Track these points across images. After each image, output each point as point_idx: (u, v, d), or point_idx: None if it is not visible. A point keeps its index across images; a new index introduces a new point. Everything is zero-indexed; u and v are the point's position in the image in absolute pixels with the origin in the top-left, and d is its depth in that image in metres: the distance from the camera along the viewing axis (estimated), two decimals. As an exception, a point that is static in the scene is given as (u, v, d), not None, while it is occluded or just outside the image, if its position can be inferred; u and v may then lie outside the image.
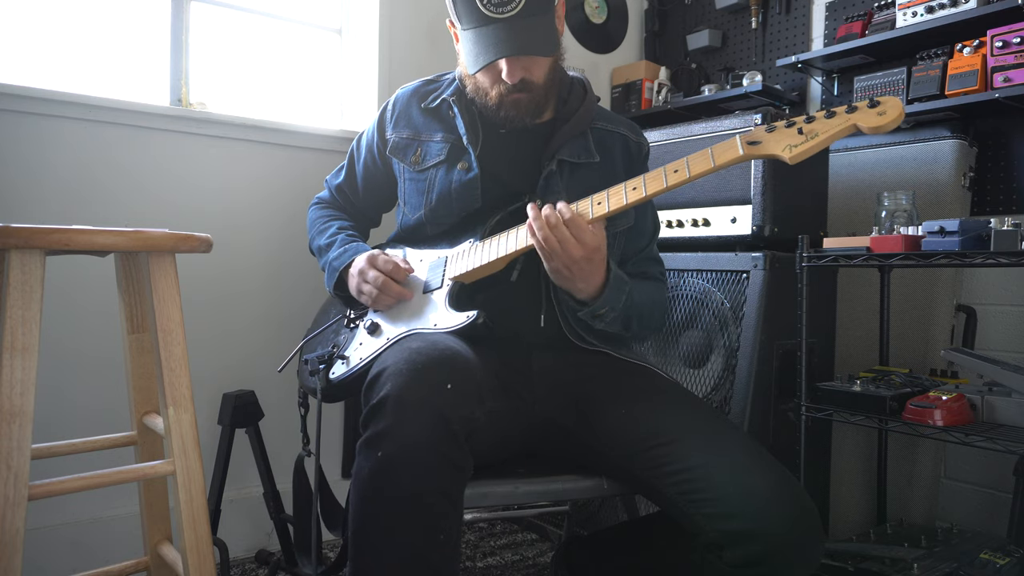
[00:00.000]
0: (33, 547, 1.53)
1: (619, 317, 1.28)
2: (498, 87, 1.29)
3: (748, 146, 1.06)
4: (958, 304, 1.93)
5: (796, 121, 1.05)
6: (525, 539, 2.11)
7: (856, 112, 1.02)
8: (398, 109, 1.45)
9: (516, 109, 1.31)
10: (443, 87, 1.43)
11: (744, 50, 2.56)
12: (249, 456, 1.76)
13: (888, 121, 0.99)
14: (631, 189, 1.16)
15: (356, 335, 1.34)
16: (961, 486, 1.91)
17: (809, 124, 1.03)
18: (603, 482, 1.23)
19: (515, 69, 1.25)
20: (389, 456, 0.98)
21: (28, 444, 0.93)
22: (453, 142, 1.36)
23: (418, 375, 1.03)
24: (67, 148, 1.71)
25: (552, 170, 1.33)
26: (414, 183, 1.40)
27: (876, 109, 1.00)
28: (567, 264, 1.16)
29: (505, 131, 1.36)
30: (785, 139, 1.04)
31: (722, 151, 1.08)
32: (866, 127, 1.00)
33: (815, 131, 1.03)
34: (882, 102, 1.01)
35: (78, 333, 1.72)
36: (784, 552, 1.00)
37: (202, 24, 2.05)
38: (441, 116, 1.40)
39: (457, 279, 1.27)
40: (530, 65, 1.27)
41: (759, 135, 1.07)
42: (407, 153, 1.41)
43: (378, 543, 1.00)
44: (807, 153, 1.02)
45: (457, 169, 1.34)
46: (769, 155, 1.05)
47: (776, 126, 1.06)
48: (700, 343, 1.82)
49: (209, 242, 1.10)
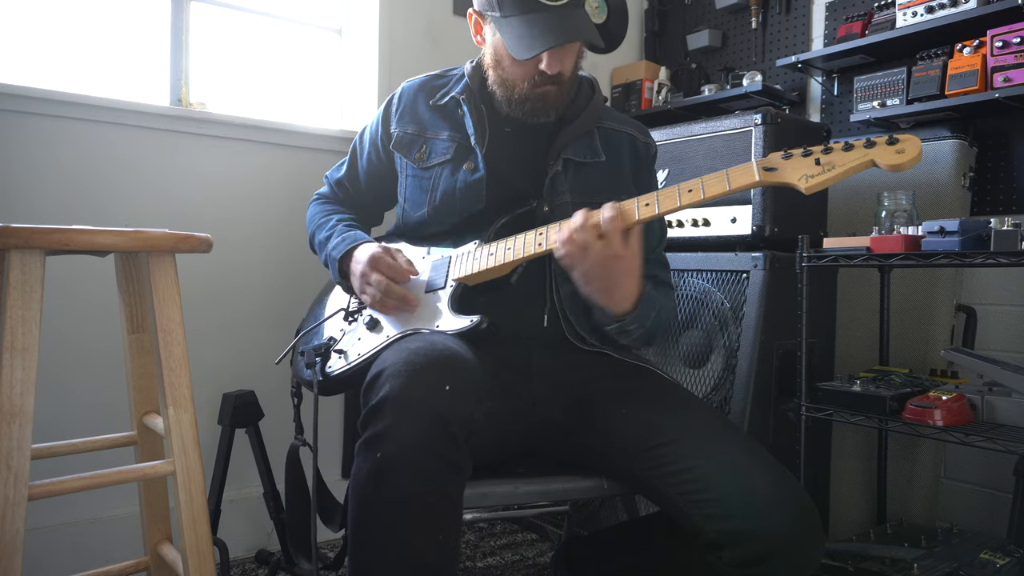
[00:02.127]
0: (33, 547, 1.53)
1: (644, 334, 1.27)
2: (530, 79, 1.27)
3: (764, 172, 1.05)
4: (958, 304, 1.93)
5: (813, 151, 1.04)
6: (525, 539, 2.11)
7: (875, 148, 1.00)
8: (404, 103, 1.43)
9: (543, 102, 1.30)
10: (451, 83, 1.41)
11: (744, 50, 2.56)
12: (249, 456, 1.75)
13: (907, 160, 0.98)
14: (643, 205, 1.13)
15: (355, 329, 1.33)
16: (961, 486, 1.91)
17: (827, 156, 1.02)
18: (603, 482, 1.23)
19: (556, 60, 1.24)
20: (388, 457, 0.98)
21: (28, 444, 0.93)
22: (460, 141, 1.36)
23: (417, 376, 1.03)
24: (67, 148, 1.71)
25: (558, 170, 1.33)
26: (417, 180, 1.39)
27: (895, 147, 0.99)
28: (610, 274, 1.14)
29: (511, 130, 1.36)
30: (802, 168, 1.03)
31: (738, 175, 1.07)
32: (884, 164, 0.99)
33: (832, 163, 1.02)
34: (901, 140, 0.99)
35: (78, 333, 1.72)
36: (784, 552, 1.00)
37: (202, 24, 2.05)
38: (448, 114, 1.39)
39: (461, 280, 1.27)
40: (566, 58, 1.27)
41: (775, 162, 1.05)
42: (411, 149, 1.40)
43: (377, 543, 1.00)
44: (823, 185, 1.02)
45: (463, 169, 1.33)
46: (785, 183, 1.04)
47: (793, 153, 1.05)
48: (700, 343, 1.82)
49: (209, 242, 1.10)
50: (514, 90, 1.30)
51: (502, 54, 1.28)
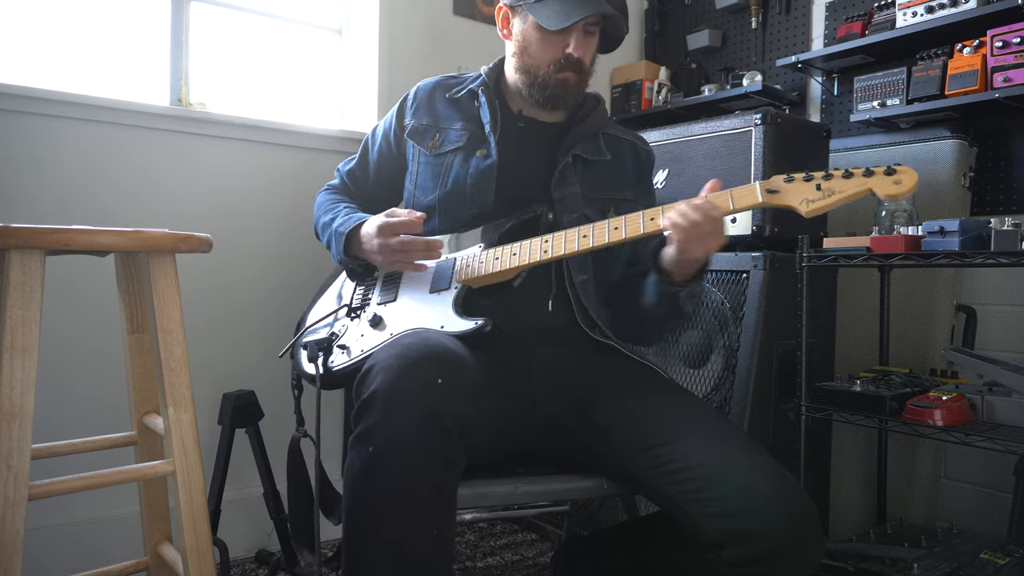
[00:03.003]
0: (33, 547, 1.53)
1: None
2: (556, 63, 1.34)
3: (767, 194, 1.12)
4: (958, 304, 1.93)
5: (815, 176, 1.10)
6: (525, 539, 2.11)
7: (873, 177, 1.06)
8: (420, 98, 1.49)
9: (563, 87, 1.36)
10: (467, 81, 1.48)
11: (744, 50, 2.56)
12: (249, 456, 1.75)
13: (904, 191, 1.04)
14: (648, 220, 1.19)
15: (358, 326, 1.34)
16: (961, 486, 1.91)
17: (827, 182, 1.08)
18: (603, 482, 1.23)
19: (581, 44, 1.33)
20: (379, 452, 0.99)
21: (28, 444, 0.93)
22: (472, 131, 1.40)
23: (408, 370, 1.03)
24: (67, 148, 1.71)
25: (568, 163, 1.37)
26: (429, 167, 1.42)
27: (892, 177, 1.05)
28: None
29: (523, 125, 1.42)
30: (803, 192, 1.10)
31: (741, 196, 1.14)
32: (881, 194, 1.05)
33: (832, 189, 1.08)
34: (898, 171, 1.06)
35: (78, 333, 1.72)
36: (784, 551, 1.00)
37: (202, 24, 2.05)
38: (463, 106, 1.44)
39: (466, 282, 1.28)
40: (587, 48, 1.36)
41: (777, 184, 1.12)
42: (425, 137, 1.44)
43: (371, 539, 1.00)
44: (822, 210, 1.08)
45: (476, 156, 1.37)
46: (786, 206, 1.11)
47: (795, 177, 1.11)
48: (700, 343, 1.82)
49: (209, 242, 1.10)
50: (537, 74, 1.36)
51: (530, 39, 1.36)
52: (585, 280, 1.34)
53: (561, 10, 1.30)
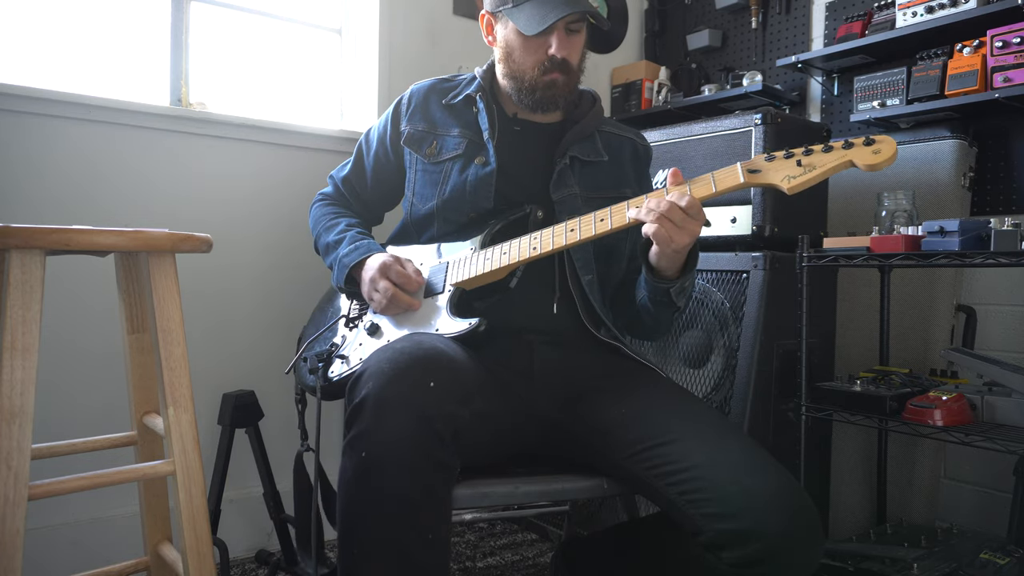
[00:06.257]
0: (33, 547, 1.53)
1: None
2: (540, 66, 1.33)
3: (748, 174, 1.11)
4: (958, 304, 1.93)
5: (795, 153, 1.09)
6: (525, 539, 2.11)
7: (852, 149, 1.06)
8: (415, 102, 1.47)
9: (552, 89, 1.35)
10: (463, 85, 1.46)
11: (744, 50, 2.56)
12: (249, 456, 1.75)
13: (882, 160, 1.03)
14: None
15: (356, 335, 1.34)
16: (961, 486, 1.91)
17: (807, 157, 1.08)
18: (603, 482, 1.23)
19: (563, 43, 1.31)
20: (372, 456, 0.99)
21: (28, 444, 0.93)
22: (470, 138, 1.39)
23: (399, 374, 1.03)
24: (67, 148, 1.71)
25: (565, 164, 1.37)
26: (427, 174, 1.41)
27: (871, 147, 1.04)
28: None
29: (520, 129, 1.41)
30: (784, 170, 1.09)
31: (723, 177, 1.13)
32: (861, 164, 1.04)
33: (812, 164, 1.07)
34: (877, 141, 1.05)
35: (78, 333, 1.72)
36: (784, 552, 1.00)
37: (202, 24, 2.05)
38: (459, 112, 1.43)
39: (459, 285, 1.28)
40: (572, 46, 1.34)
41: (759, 164, 1.11)
42: (422, 145, 1.43)
43: (365, 543, 1.00)
44: (804, 185, 1.07)
45: (474, 164, 1.37)
46: (768, 184, 1.10)
47: (775, 156, 1.10)
48: (700, 343, 1.82)
49: (209, 242, 1.10)
50: (524, 79, 1.35)
51: (513, 44, 1.35)
52: (591, 280, 1.34)
53: (538, 13, 1.29)
